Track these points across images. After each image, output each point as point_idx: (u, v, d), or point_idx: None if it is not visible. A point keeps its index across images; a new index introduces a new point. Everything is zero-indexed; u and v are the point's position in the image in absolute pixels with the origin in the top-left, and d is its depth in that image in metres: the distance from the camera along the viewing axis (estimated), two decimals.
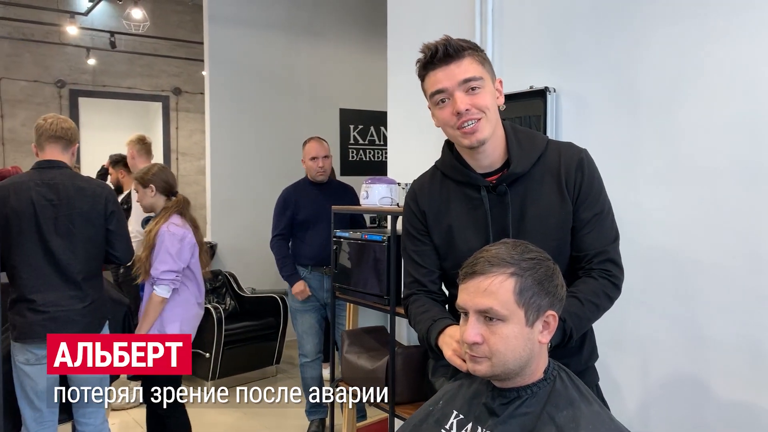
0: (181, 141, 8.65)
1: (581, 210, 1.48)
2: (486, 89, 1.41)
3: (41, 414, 2.59)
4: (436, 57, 1.40)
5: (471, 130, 1.40)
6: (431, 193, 1.58)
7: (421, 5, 3.30)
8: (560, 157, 1.49)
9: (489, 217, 1.47)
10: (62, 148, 2.65)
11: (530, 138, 1.51)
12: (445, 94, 1.41)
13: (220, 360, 4.51)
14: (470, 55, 1.40)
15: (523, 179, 1.47)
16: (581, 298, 1.43)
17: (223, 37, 5.55)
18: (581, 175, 1.47)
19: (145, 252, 2.91)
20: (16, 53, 7.46)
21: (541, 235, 1.44)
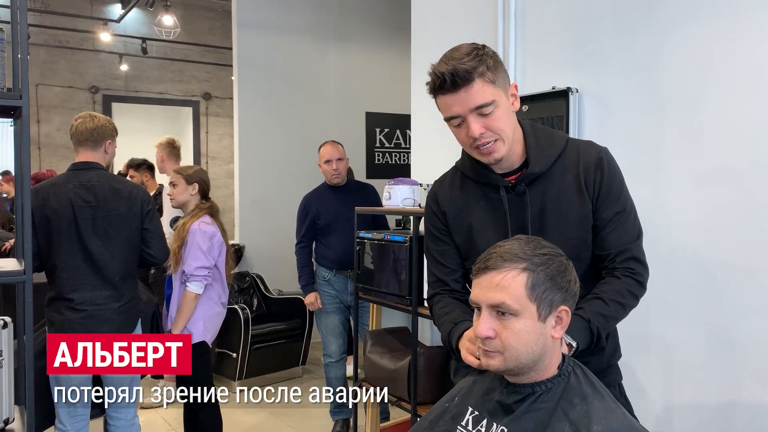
0: (210, 145, 8.79)
1: (602, 209, 1.47)
2: (500, 108, 1.40)
3: (74, 408, 2.66)
4: (444, 86, 1.39)
5: (487, 150, 1.42)
6: (451, 194, 1.59)
7: (444, 7, 3.32)
8: (579, 156, 1.48)
9: (508, 217, 1.48)
10: (91, 148, 2.72)
11: (549, 137, 1.51)
12: (459, 119, 1.41)
13: (247, 360, 4.57)
14: (480, 77, 1.37)
15: (543, 178, 1.47)
16: (605, 298, 1.42)
17: (252, 43, 5.63)
18: (600, 174, 1.47)
19: (176, 244, 2.97)
20: (52, 60, 7.67)
21: (561, 233, 1.45)
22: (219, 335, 4.58)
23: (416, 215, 2.87)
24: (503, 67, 1.45)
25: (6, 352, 1.90)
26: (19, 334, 2.02)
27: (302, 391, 4.65)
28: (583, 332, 1.36)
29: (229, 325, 4.56)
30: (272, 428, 3.93)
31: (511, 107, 1.44)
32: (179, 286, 2.99)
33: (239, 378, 4.58)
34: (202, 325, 3.00)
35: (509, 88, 1.45)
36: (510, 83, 1.46)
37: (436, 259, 1.62)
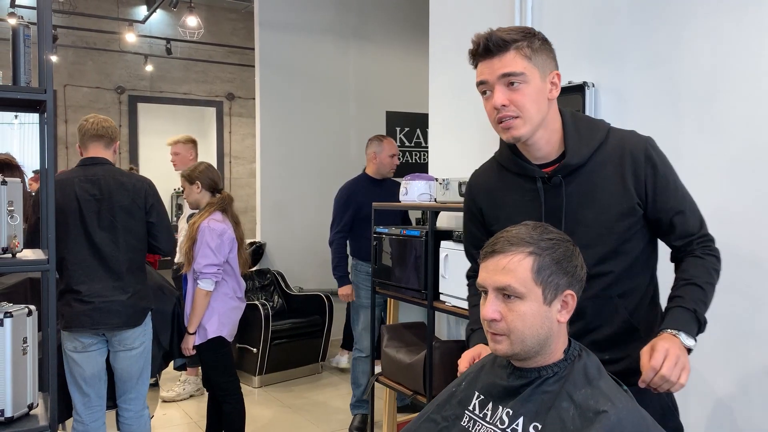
0: (234, 145, 8.89)
1: (664, 201, 1.44)
2: (529, 85, 1.37)
3: (89, 399, 2.72)
4: (478, 51, 1.39)
5: (506, 126, 1.39)
6: (487, 186, 1.58)
7: (461, 5, 3.33)
8: (623, 147, 1.44)
9: (543, 209, 1.45)
10: (104, 145, 2.79)
11: (590, 127, 1.47)
12: (487, 86, 1.40)
13: (267, 356, 4.62)
14: (516, 49, 1.36)
15: (581, 170, 1.44)
16: (700, 283, 1.40)
17: (274, 43, 5.70)
18: (652, 169, 1.43)
19: (187, 243, 3.02)
20: (80, 61, 7.83)
21: (600, 227, 1.42)
22: (239, 331, 4.65)
23: (432, 210, 2.89)
24: (550, 54, 1.42)
25: (30, 339, 1.96)
26: (43, 324, 2.08)
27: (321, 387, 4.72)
28: (693, 325, 1.34)
29: (250, 321, 4.62)
30: (291, 422, 3.97)
31: (545, 91, 1.40)
32: (192, 283, 3.04)
33: (259, 373, 4.64)
34: (217, 321, 3.05)
35: (550, 74, 1.41)
36: (553, 71, 1.42)
37: (470, 252, 1.67)
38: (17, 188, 1.99)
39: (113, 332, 2.69)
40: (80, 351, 2.67)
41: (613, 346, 1.47)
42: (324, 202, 5.84)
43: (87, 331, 2.65)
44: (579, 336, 1.42)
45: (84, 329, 2.63)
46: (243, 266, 3.17)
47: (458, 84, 3.36)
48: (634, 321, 1.47)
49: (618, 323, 1.47)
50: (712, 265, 1.45)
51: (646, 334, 1.46)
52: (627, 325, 1.47)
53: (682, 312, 1.36)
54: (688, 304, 1.37)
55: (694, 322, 1.35)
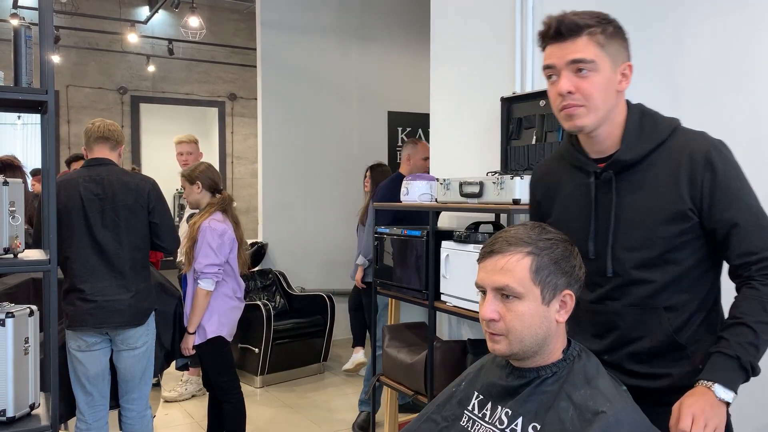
0: (236, 145, 8.91)
1: (719, 211, 1.31)
2: (599, 74, 1.31)
3: (93, 398, 2.73)
4: (548, 33, 1.34)
5: (569, 113, 1.33)
6: (546, 176, 1.55)
7: (462, 6, 3.33)
8: (686, 148, 1.34)
9: (593, 205, 1.40)
10: (110, 147, 2.81)
11: (654, 124, 1.38)
12: (554, 71, 1.33)
13: (269, 356, 4.62)
14: (589, 35, 1.30)
15: (636, 167, 1.36)
16: (749, 322, 1.25)
17: (275, 43, 5.70)
18: (711, 173, 1.31)
19: (188, 243, 3.03)
20: (82, 62, 7.85)
21: (646, 230, 1.35)
22: (241, 331, 4.66)
23: (433, 210, 2.89)
24: (623, 43, 1.36)
25: (32, 339, 1.97)
26: (44, 324, 2.09)
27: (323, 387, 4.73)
28: (734, 374, 1.22)
29: (252, 321, 4.62)
30: (293, 422, 3.97)
31: (614, 82, 1.34)
32: (193, 283, 3.05)
33: (261, 373, 4.64)
34: (217, 320, 3.06)
35: (622, 65, 1.35)
36: (625, 61, 1.36)
37: None
38: (19, 189, 2.00)
39: (116, 331, 2.70)
40: (84, 350, 2.68)
41: (653, 360, 1.38)
42: (326, 202, 5.87)
43: (90, 330, 2.66)
44: (615, 347, 1.40)
45: (87, 328, 2.64)
46: (242, 267, 3.18)
47: (459, 84, 3.36)
48: (679, 338, 1.36)
49: (660, 337, 1.36)
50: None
51: (695, 354, 1.35)
52: (671, 340, 1.36)
53: (722, 360, 1.24)
54: (730, 350, 1.24)
55: (737, 370, 1.22)
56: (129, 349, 2.74)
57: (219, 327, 3.06)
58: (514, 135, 2.94)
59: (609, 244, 1.37)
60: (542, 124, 2.80)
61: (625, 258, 1.37)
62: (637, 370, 1.36)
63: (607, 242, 1.38)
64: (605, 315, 1.42)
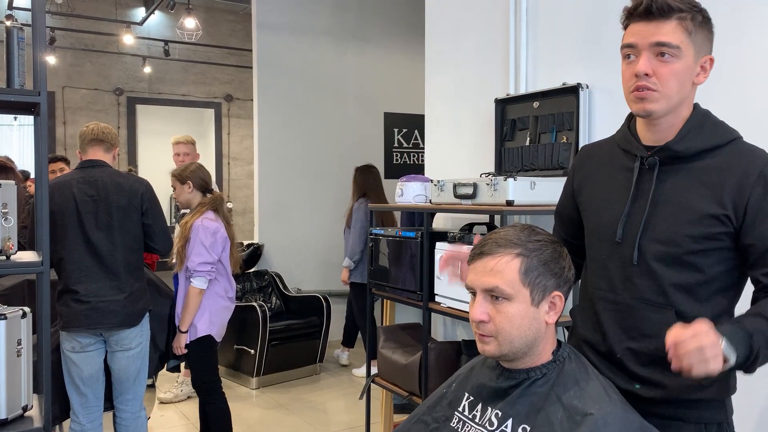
0: (232, 146, 8.90)
1: (759, 229, 1.26)
2: (681, 62, 1.26)
3: (87, 399, 2.73)
4: (637, 10, 1.28)
5: (642, 95, 1.28)
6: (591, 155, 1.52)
7: (456, 7, 3.34)
8: (741, 158, 1.29)
9: (633, 187, 1.36)
10: (104, 149, 2.81)
11: (715, 128, 1.35)
12: (634, 50, 1.29)
13: (264, 357, 4.62)
14: (679, 19, 1.25)
15: (684, 162, 1.32)
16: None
17: (271, 44, 5.70)
18: (763, 186, 1.26)
19: (180, 243, 3.04)
20: (78, 63, 7.83)
21: (675, 224, 1.31)
22: (237, 332, 4.66)
23: (428, 211, 2.89)
24: (709, 36, 1.32)
25: (25, 341, 1.96)
26: (37, 326, 2.09)
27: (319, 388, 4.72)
28: (743, 345, 1.17)
29: (248, 322, 4.62)
30: (289, 424, 3.97)
31: (693, 73, 1.30)
32: (185, 282, 3.05)
33: (257, 374, 4.64)
34: (208, 319, 3.06)
35: (704, 57, 1.31)
36: (708, 54, 1.32)
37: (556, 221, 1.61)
38: (11, 190, 1.99)
39: (111, 332, 2.70)
40: (78, 351, 2.68)
41: (653, 364, 1.32)
42: (322, 203, 5.87)
43: (84, 331, 2.66)
44: (619, 341, 1.34)
45: (81, 329, 2.64)
46: (234, 266, 3.19)
47: (453, 86, 3.36)
48: None
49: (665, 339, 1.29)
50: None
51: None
52: None
53: (736, 328, 1.19)
54: (748, 326, 1.19)
55: (745, 343, 1.17)
56: (123, 350, 2.74)
57: (210, 326, 3.07)
58: (507, 136, 2.95)
59: (639, 232, 1.33)
60: (536, 125, 2.80)
61: (648, 248, 1.32)
62: (636, 371, 1.33)
63: (638, 229, 1.34)
64: (614, 305, 1.37)
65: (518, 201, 2.44)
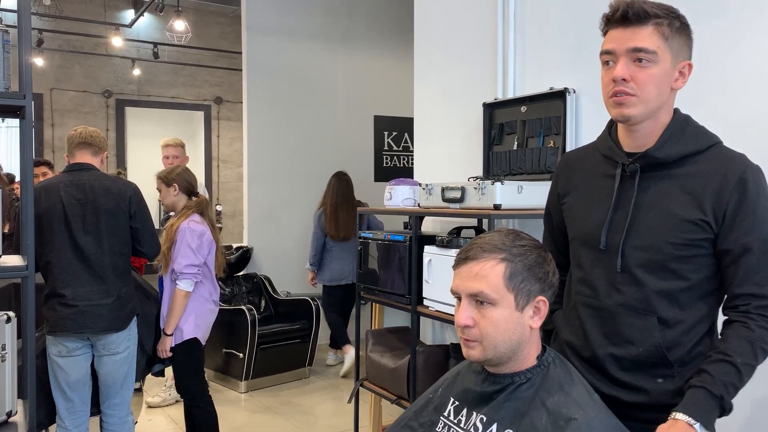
0: (222, 149, 8.88)
1: (738, 234, 1.26)
2: (658, 66, 1.27)
3: (73, 404, 2.71)
4: (614, 17, 1.29)
5: (620, 100, 1.28)
6: (573, 161, 1.53)
7: (445, 11, 3.35)
8: (721, 164, 1.29)
9: (614, 194, 1.37)
10: (92, 153, 2.80)
11: (696, 134, 1.35)
12: (612, 56, 1.30)
13: (253, 361, 4.60)
14: (655, 25, 1.26)
15: (665, 168, 1.33)
16: (738, 364, 1.22)
17: (261, 47, 5.70)
18: (739, 195, 1.27)
19: (165, 245, 3.02)
20: (66, 65, 7.79)
21: (657, 231, 1.31)
22: (226, 335, 4.64)
23: (416, 215, 2.90)
24: (687, 41, 1.33)
25: (9, 345, 1.95)
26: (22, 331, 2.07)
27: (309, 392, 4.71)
28: (715, 413, 1.20)
29: (236, 325, 4.61)
30: (278, 428, 3.95)
31: (671, 78, 1.30)
32: (170, 284, 3.04)
33: (246, 378, 4.62)
34: (194, 322, 3.05)
35: (682, 62, 1.31)
36: (686, 60, 1.32)
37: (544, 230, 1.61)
38: None
39: (98, 336, 2.68)
40: (65, 355, 2.66)
41: (635, 370, 1.34)
42: (312, 206, 5.85)
43: (71, 335, 2.64)
44: (601, 346, 1.36)
45: (68, 333, 2.62)
46: (218, 269, 3.18)
47: (442, 90, 3.37)
48: (670, 355, 1.31)
49: (650, 347, 1.32)
50: (762, 343, 1.24)
51: (679, 375, 1.31)
52: (660, 353, 1.31)
53: (706, 398, 1.20)
54: (716, 389, 1.20)
55: (717, 410, 1.20)
56: (110, 354, 2.72)
57: (195, 329, 3.06)
58: (495, 140, 2.96)
59: (622, 239, 1.34)
60: (523, 129, 2.81)
61: (631, 255, 1.33)
62: (619, 377, 1.35)
63: (621, 236, 1.34)
64: (597, 311, 1.38)
65: (506, 205, 2.45)
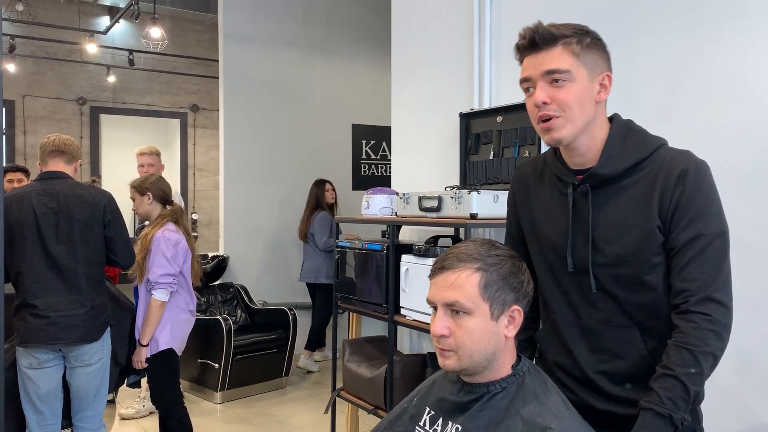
0: (198, 157, 8.81)
1: (677, 230, 1.26)
2: (575, 84, 1.27)
3: (44, 417, 2.65)
4: (523, 44, 1.31)
5: (547, 126, 1.28)
6: (527, 177, 1.51)
7: (422, 21, 3.37)
8: (663, 168, 1.28)
9: (570, 216, 1.36)
10: (66, 161, 2.76)
11: (637, 141, 1.33)
12: (530, 83, 1.30)
13: (229, 371, 4.56)
14: (564, 45, 1.27)
15: (614, 183, 1.32)
16: (681, 376, 1.20)
17: (238, 55, 5.67)
18: (681, 188, 1.25)
19: (140, 255, 2.98)
20: (39, 71, 7.69)
21: (620, 247, 1.30)
22: (201, 345, 4.59)
23: (394, 224, 2.90)
24: (602, 54, 1.32)
25: None
26: None
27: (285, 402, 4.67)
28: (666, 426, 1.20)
29: (212, 335, 4.56)
30: None
31: (592, 92, 1.29)
32: (145, 294, 3.00)
33: (221, 389, 4.57)
34: (169, 332, 3.01)
35: (600, 75, 1.30)
36: (604, 71, 1.31)
37: (509, 235, 1.58)
38: None
39: (70, 347, 2.63)
40: (36, 367, 2.61)
41: (627, 383, 1.33)
42: (289, 215, 5.84)
43: (43, 347, 2.59)
44: (589, 364, 1.36)
45: (40, 345, 2.57)
46: (195, 278, 3.14)
47: (419, 99, 3.39)
48: (657, 363, 1.27)
49: (636, 359, 1.32)
50: (702, 346, 1.20)
51: None
52: (646, 362, 1.31)
53: (655, 419, 1.20)
54: (662, 408, 1.19)
55: (669, 427, 1.19)
56: (83, 365, 2.68)
57: (171, 339, 3.02)
58: (472, 150, 2.98)
59: (589, 259, 1.33)
60: (499, 139, 2.84)
61: (602, 274, 1.33)
62: (612, 392, 1.34)
63: (586, 257, 1.34)
64: (580, 330, 1.38)
65: (482, 214, 2.46)
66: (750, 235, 2.02)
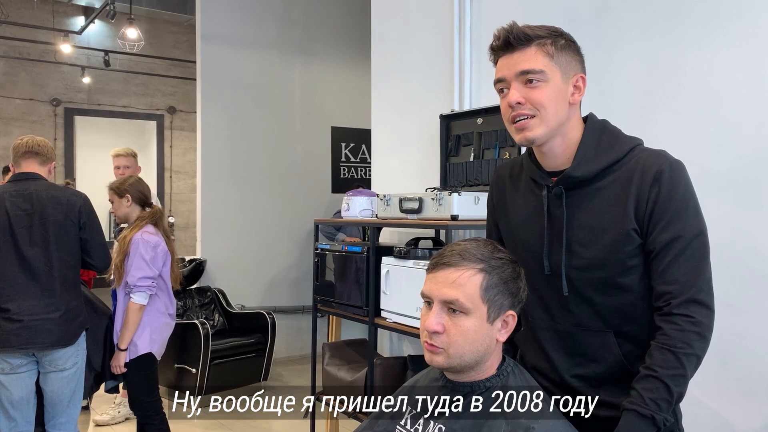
0: (175, 159, 8.72)
1: (656, 232, 1.25)
2: (549, 84, 1.27)
3: (16, 424, 2.59)
4: (498, 45, 1.31)
5: (521, 125, 1.28)
6: (505, 179, 1.51)
7: (402, 23, 3.37)
8: (638, 169, 1.28)
9: (545, 219, 1.36)
10: (39, 163, 2.71)
11: (612, 142, 1.33)
12: (504, 83, 1.30)
13: (206, 376, 4.50)
14: (538, 45, 1.27)
15: (588, 185, 1.31)
16: (664, 377, 1.19)
17: (216, 56, 5.62)
18: (657, 189, 1.25)
19: (118, 257, 2.93)
20: (12, 72, 7.55)
21: (595, 249, 1.30)
22: (178, 350, 4.53)
23: (374, 226, 2.89)
24: (576, 56, 1.33)
25: None
26: None
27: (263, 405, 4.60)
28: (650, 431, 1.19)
29: (189, 340, 4.50)
30: None
31: (566, 93, 1.30)
32: (123, 298, 2.95)
33: (198, 394, 4.51)
34: (149, 337, 2.96)
35: (574, 76, 1.31)
36: (578, 73, 1.32)
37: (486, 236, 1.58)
38: None
39: (44, 352, 2.58)
40: (8, 373, 2.55)
41: (605, 386, 1.33)
42: (267, 217, 5.80)
43: (16, 351, 2.53)
44: (566, 368, 1.36)
45: (13, 349, 2.51)
46: (175, 282, 3.09)
47: (399, 101, 3.38)
48: (633, 367, 1.28)
49: (612, 363, 1.32)
50: (685, 348, 1.20)
51: None
52: (621, 367, 1.31)
53: (636, 421, 1.19)
54: (644, 409, 1.19)
55: (651, 428, 1.19)
56: (57, 370, 2.62)
57: (150, 343, 2.96)
58: (452, 152, 2.98)
59: (563, 262, 1.33)
60: (479, 141, 2.84)
61: (575, 277, 1.32)
62: (591, 395, 1.33)
63: (561, 260, 1.33)
64: (556, 333, 1.38)
65: (462, 216, 2.46)
66: (725, 239, 2.04)
